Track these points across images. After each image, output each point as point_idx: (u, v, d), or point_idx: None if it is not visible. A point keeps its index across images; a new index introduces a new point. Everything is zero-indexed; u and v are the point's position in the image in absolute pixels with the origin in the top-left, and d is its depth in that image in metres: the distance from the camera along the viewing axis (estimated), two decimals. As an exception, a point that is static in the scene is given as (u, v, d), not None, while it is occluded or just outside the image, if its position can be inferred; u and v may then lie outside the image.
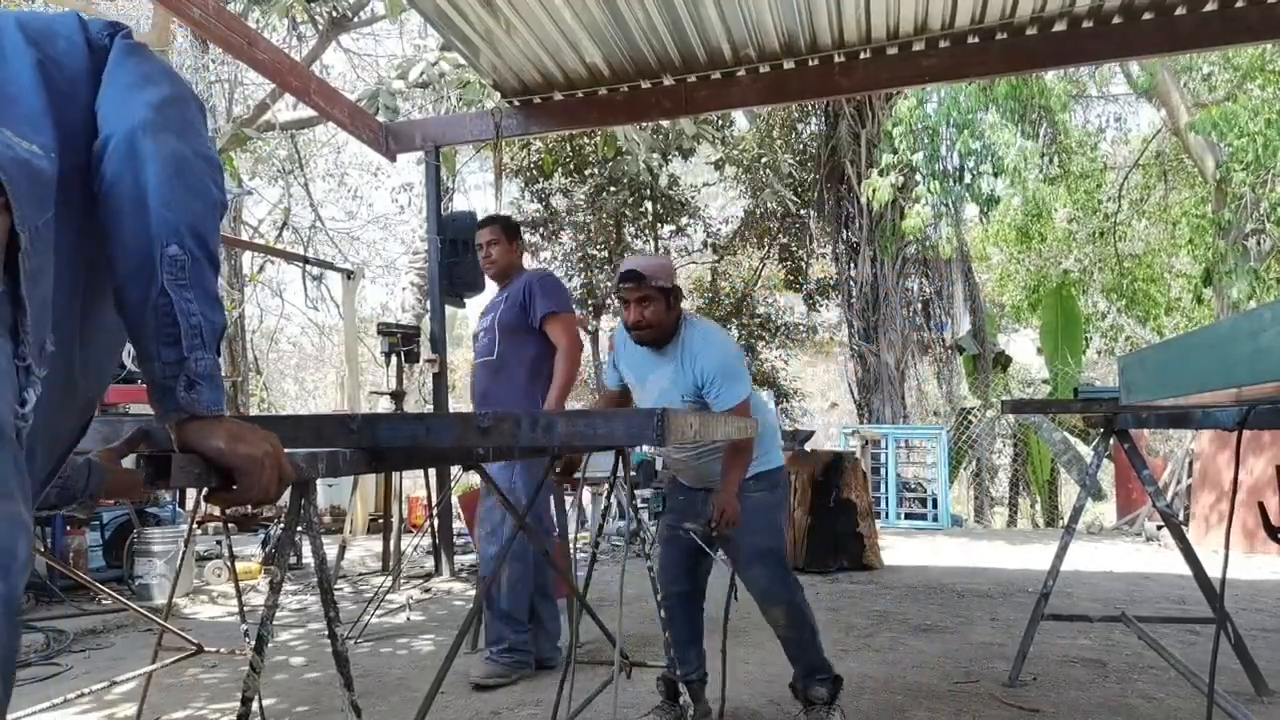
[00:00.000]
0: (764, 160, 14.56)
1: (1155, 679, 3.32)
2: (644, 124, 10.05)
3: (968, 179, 10.32)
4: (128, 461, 1.44)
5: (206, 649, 2.89)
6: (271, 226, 14.69)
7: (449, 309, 6.35)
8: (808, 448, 6.37)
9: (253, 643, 1.58)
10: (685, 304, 2.82)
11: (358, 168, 16.53)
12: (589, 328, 16.75)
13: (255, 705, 1.61)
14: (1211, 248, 10.12)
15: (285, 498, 1.27)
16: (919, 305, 13.36)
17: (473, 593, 5.42)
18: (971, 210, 11.45)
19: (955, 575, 5.99)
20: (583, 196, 14.92)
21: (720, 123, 13.93)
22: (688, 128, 11.61)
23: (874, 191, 9.83)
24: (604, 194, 14.54)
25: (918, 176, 10.58)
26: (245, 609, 3.68)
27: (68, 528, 5.31)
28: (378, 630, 4.38)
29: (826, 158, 13.07)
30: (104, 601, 4.77)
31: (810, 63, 5.13)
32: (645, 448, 3.05)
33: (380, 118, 7.05)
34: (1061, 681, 3.31)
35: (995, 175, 9.92)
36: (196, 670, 3.64)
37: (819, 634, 2.79)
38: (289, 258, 10.36)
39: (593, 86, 5.41)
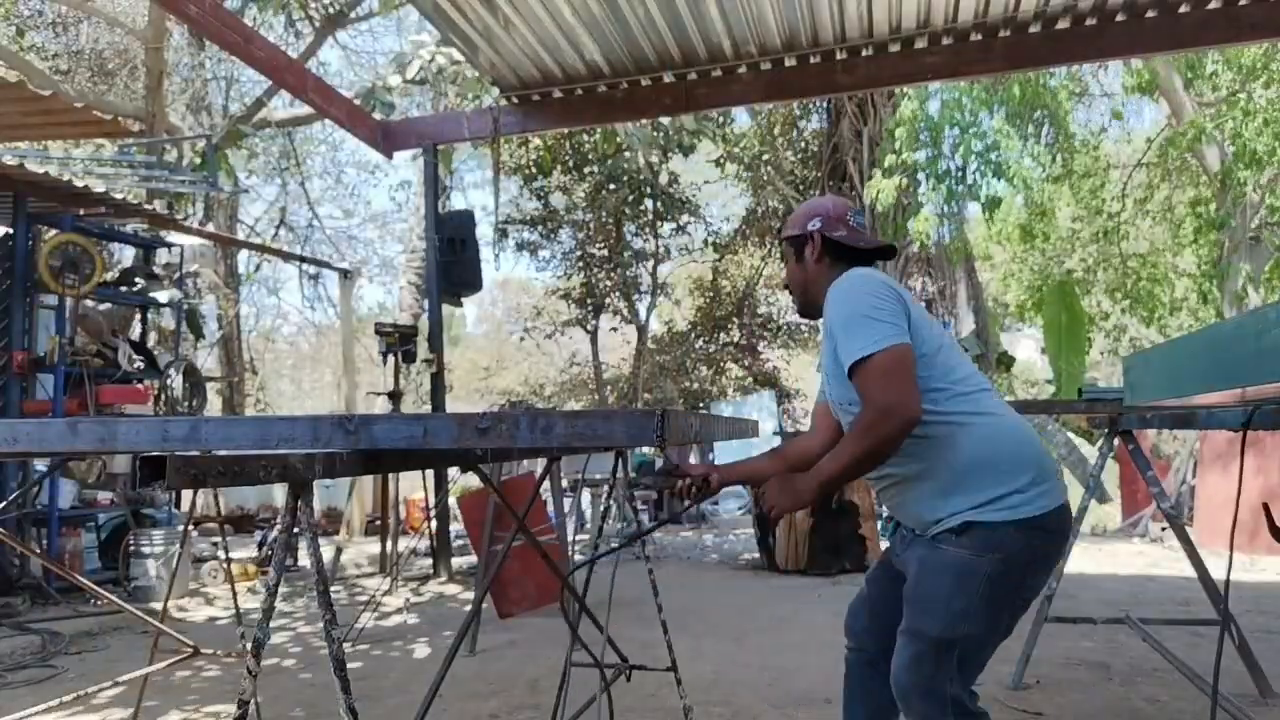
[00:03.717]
0: (765, 158, 14.51)
1: (1159, 681, 3.29)
2: (643, 121, 10.01)
3: (970, 180, 10.25)
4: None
5: (203, 651, 2.86)
6: (268, 225, 14.65)
7: (446, 308, 6.32)
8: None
9: (249, 645, 1.55)
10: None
11: (355, 165, 16.51)
12: (587, 328, 16.68)
13: (252, 708, 1.59)
14: (1215, 245, 10.09)
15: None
16: (922, 304, 13.26)
17: (471, 595, 5.39)
18: (974, 208, 11.40)
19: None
20: (582, 194, 14.85)
21: (721, 119, 13.88)
22: (688, 123, 11.55)
23: (878, 193, 9.78)
24: (603, 192, 14.47)
25: (920, 177, 10.52)
26: (241, 611, 3.65)
27: (63, 529, 5.28)
28: (375, 633, 4.35)
29: (828, 155, 13.00)
30: (100, 603, 4.73)
31: (812, 59, 5.10)
32: None
33: (376, 114, 7.02)
34: (1065, 684, 3.28)
35: (998, 179, 9.86)
36: (192, 672, 3.61)
37: None
38: (285, 257, 10.34)
39: (592, 83, 5.38)
